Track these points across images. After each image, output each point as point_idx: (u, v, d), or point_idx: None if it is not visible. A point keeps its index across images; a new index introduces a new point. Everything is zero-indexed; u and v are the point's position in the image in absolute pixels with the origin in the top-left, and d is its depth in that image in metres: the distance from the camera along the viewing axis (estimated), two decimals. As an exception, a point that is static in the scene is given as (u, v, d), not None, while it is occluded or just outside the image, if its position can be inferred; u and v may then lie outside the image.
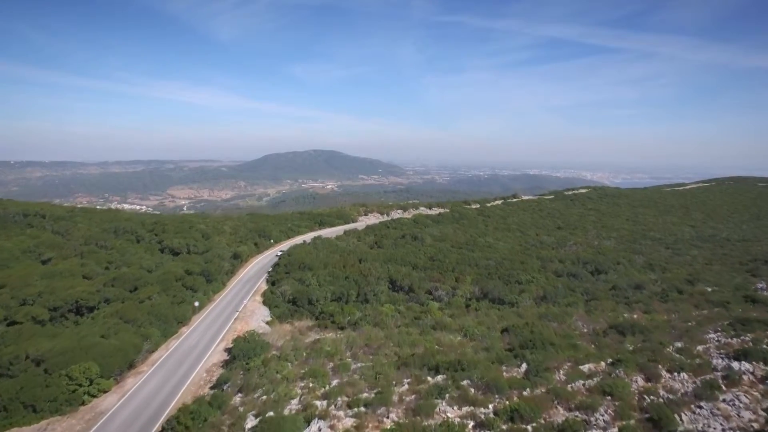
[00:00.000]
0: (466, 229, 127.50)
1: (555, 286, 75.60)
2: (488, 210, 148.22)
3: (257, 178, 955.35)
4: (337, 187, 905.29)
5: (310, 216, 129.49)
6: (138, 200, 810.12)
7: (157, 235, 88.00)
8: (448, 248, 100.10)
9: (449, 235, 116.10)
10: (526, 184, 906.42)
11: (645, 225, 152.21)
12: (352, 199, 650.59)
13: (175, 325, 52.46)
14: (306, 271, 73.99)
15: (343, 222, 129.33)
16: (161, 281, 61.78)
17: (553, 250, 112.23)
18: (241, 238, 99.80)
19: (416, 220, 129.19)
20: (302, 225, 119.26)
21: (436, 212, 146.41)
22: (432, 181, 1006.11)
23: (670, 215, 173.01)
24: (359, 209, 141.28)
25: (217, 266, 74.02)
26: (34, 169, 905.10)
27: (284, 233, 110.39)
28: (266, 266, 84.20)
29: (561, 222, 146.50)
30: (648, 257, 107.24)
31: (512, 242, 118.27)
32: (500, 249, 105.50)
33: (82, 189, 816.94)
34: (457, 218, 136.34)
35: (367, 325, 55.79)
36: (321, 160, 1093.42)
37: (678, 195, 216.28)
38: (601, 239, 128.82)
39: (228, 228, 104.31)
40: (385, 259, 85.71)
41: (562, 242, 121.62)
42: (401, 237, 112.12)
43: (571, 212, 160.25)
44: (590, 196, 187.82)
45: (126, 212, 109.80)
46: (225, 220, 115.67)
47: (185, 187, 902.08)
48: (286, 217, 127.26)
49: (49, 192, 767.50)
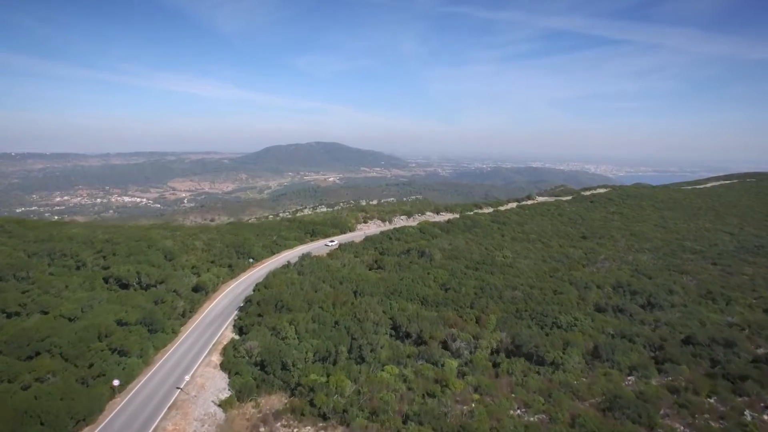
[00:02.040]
0: (480, 240, 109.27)
1: (606, 332, 57.59)
2: (503, 216, 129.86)
3: (259, 170, 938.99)
4: (338, 179, 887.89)
5: (301, 225, 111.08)
6: (139, 193, 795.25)
7: (106, 258, 69.99)
8: (463, 270, 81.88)
9: (461, 249, 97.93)
10: (529, 177, 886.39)
11: (677, 232, 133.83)
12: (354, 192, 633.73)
13: (69, 429, 34.36)
14: (284, 314, 55.98)
15: (339, 231, 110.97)
16: (77, 341, 43.77)
17: (584, 268, 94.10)
18: (214, 256, 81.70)
19: (422, 229, 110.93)
20: (291, 237, 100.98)
21: (445, 218, 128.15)
22: (435, 173, 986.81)
23: (700, 219, 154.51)
24: (357, 215, 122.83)
25: (169, 308, 56.04)
26: (36, 161, 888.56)
27: (268, 248, 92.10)
28: (238, 299, 66.04)
29: (584, 229, 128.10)
30: (697, 278, 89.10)
31: (535, 256, 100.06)
32: (524, 269, 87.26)
33: (82, 181, 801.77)
34: (469, 226, 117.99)
35: (360, 419, 37.96)
36: (323, 152, 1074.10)
37: (702, 195, 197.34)
38: (635, 252, 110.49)
39: (200, 243, 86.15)
40: (386, 291, 67.50)
41: (592, 256, 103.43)
42: (406, 252, 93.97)
43: (593, 217, 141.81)
44: (611, 197, 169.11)
45: (77, 224, 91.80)
46: (200, 232, 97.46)
47: (186, 180, 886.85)
48: (273, 227, 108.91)
49: (49, 184, 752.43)
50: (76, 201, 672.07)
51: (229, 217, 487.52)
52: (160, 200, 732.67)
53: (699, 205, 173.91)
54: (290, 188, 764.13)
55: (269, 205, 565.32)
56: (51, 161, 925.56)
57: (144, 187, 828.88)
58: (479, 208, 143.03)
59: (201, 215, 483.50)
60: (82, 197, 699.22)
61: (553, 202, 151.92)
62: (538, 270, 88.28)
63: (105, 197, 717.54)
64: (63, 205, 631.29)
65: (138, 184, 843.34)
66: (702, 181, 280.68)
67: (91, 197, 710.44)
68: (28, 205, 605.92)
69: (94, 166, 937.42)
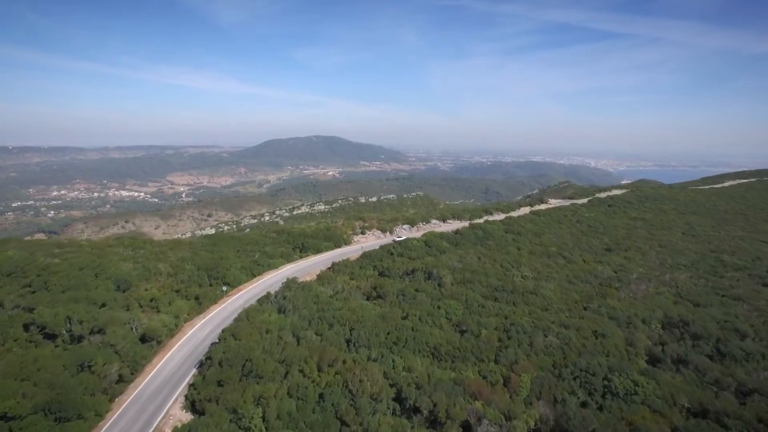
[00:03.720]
0: (493, 254, 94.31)
1: (681, 405, 42.98)
2: (516, 224, 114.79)
3: (258, 164, 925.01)
4: (338, 173, 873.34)
5: (290, 237, 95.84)
6: (137, 187, 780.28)
7: (35, 293, 55.14)
8: (480, 301, 67.00)
9: (474, 268, 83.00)
10: (530, 171, 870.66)
11: (709, 242, 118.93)
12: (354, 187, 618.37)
13: None
14: (252, 383, 41.29)
15: (333, 245, 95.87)
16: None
17: (618, 292, 79.25)
18: (181, 284, 66.62)
19: (428, 242, 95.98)
20: (276, 254, 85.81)
21: (452, 227, 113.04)
22: (435, 168, 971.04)
23: (729, 225, 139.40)
24: (354, 225, 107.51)
25: (97, 376, 41.25)
26: (33, 155, 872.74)
27: (248, 270, 76.94)
28: (200, 349, 51.14)
29: (608, 239, 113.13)
30: (753, 304, 74.51)
31: (559, 276, 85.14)
32: (550, 296, 72.43)
33: (80, 175, 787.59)
34: (481, 238, 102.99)
35: None
36: (323, 146, 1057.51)
37: (723, 196, 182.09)
38: (669, 268, 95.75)
39: (166, 267, 70.93)
40: (387, 338, 52.69)
41: (623, 275, 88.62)
42: (410, 273, 79.08)
43: (614, 224, 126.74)
44: (629, 199, 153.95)
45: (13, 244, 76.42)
46: (170, 248, 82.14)
47: (185, 174, 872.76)
48: (257, 241, 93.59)
49: (46, 178, 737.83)
50: (73, 195, 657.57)
51: (227, 212, 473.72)
52: (158, 194, 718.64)
53: (724, 209, 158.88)
54: (289, 182, 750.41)
55: (268, 200, 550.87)
56: (49, 155, 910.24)
57: (142, 181, 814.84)
58: (489, 214, 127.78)
59: (198, 210, 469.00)
60: (80, 191, 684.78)
61: (568, 207, 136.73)
62: (567, 297, 73.42)
63: (102, 191, 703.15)
64: (60, 200, 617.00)
65: (136, 178, 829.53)
66: (717, 178, 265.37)
67: (89, 191, 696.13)
68: (25, 199, 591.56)
69: (93, 160, 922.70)
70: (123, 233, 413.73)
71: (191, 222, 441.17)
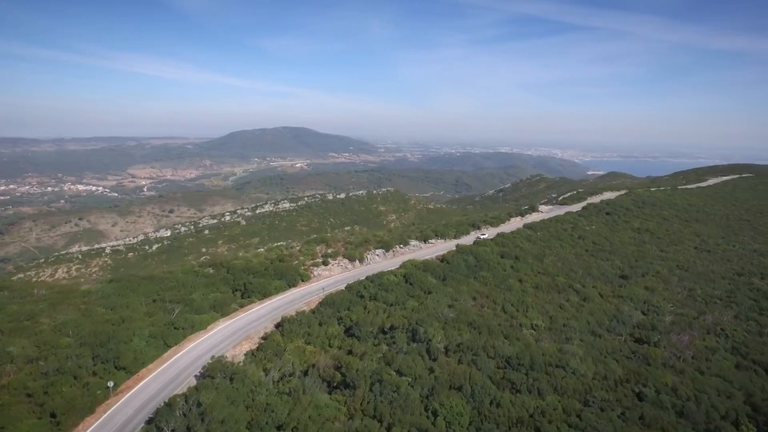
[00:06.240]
0: (492, 291, 72.95)
1: None
2: (510, 242, 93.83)
3: (224, 156, 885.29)
4: (306, 165, 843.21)
5: (230, 275, 71.64)
6: (95, 180, 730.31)
7: None
8: (491, 389, 45.42)
9: (472, 317, 61.27)
10: (499, 163, 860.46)
11: (728, 260, 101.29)
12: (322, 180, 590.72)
13: None
14: None
15: (286, 284, 72.04)
16: None
17: (661, 349, 59.28)
18: (44, 377, 42.55)
19: (409, 277, 73.76)
20: (205, 306, 61.62)
21: (436, 249, 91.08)
22: (404, 159, 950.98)
23: (737, 234, 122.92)
24: (315, 251, 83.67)
25: None
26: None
27: (160, 338, 52.99)
28: None
29: (619, 262, 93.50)
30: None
31: (579, 325, 64.44)
32: (583, 371, 51.45)
33: (33, 169, 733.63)
34: (473, 267, 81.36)
35: None
36: (290, 137, 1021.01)
37: (716, 197, 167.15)
38: (705, 304, 76.79)
39: (28, 345, 46.51)
40: None
41: (655, 318, 68.86)
42: (387, 333, 56.79)
43: (620, 239, 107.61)
44: (626, 205, 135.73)
45: None
46: (55, 304, 56.98)
47: (147, 166, 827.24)
48: (184, 282, 68.87)
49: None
50: (24, 190, 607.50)
51: (189, 207, 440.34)
52: (118, 188, 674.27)
53: (725, 214, 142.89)
54: (256, 175, 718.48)
55: (233, 194, 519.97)
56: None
57: (101, 174, 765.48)
58: (477, 228, 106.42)
59: (159, 206, 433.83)
60: (31, 186, 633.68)
61: (565, 218, 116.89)
62: (605, 372, 52.25)
63: (57, 186, 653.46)
64: (8, 195, 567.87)
65: (95, 171, 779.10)
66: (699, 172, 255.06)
67: (42, 186, 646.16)
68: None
69: (47, 152, 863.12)
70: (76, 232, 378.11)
71: (151, 218, 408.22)
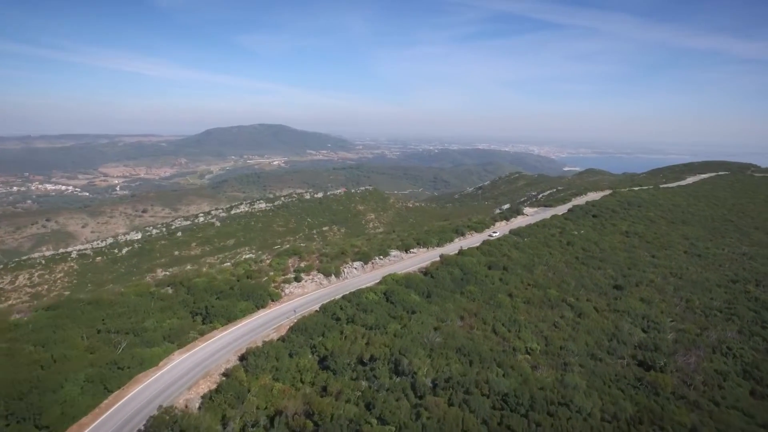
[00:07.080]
0: (481, 309, 66.31)
1: None
2: (497, 251, 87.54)
3: (200, 154, 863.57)
4: (284, 162, 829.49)
5: (190, 297, 63.07)
6: (64, 179, 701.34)
7: None
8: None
9: (461, 342, 54.45)
10: (477, 159, 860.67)
11: (720, 264, 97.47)
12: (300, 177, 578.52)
13: None
14: None
15: (254, 306, 63.70)
16: None
17: (668, 373, 53.58)
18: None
19: (390, 295, 66.56)
20: (160, 333, 53.22)
21: (418, 261, 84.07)
22: (382, 156, 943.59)
23: (724, 236, 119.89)
24: (287, 266, 75.42)
25: None
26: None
27: (99, 382, 44.43)
28: None
29: (611, 269, 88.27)
30: None
31: (578, 347, 58.33)
32: (591, 410, 45.13)
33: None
34: (459, 280, 74.63)
35: None
36: (268, 135, 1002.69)
37: (698, 197, 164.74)
38: (704, 316, 71.80)
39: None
40: None
41: (657, 336, 63.34)
42: (367, 364, 49.45)
43: (609, 243, 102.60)
44: (612, 207, 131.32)
45: None
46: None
47: (120, 165, 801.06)
48: (137, 307, 60.01)
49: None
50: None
51: (164, 207, 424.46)
52: (89, 188, 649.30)
53: (709, 215, 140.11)
54: (233, 173, 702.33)
55: (209, 193, 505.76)
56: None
57: (71, 173, 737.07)
58: (461, 235, 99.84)
59: (132, 205, 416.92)
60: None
61: (551, 222, 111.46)
62: (615, 410, 46.05)
63: (24, 185, 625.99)
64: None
65: (64, 170, 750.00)
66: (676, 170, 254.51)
67: (7, 185, 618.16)
68: None
69: (13, 150, 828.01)
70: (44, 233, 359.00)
71: (124, 219, 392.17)
